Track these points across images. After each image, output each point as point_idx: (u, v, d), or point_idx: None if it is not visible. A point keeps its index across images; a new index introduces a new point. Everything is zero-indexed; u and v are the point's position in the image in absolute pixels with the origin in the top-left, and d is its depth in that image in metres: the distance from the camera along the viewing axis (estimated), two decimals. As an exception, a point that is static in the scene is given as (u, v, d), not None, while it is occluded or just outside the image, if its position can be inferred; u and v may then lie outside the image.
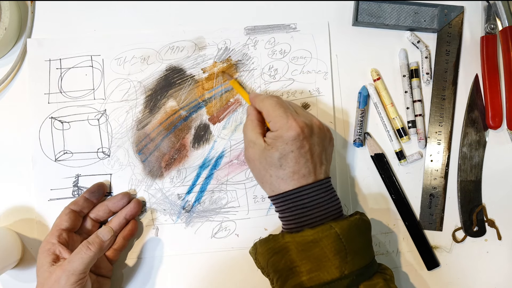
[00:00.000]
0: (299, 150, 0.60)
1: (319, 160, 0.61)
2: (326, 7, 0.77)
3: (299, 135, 0.59)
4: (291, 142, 0.59)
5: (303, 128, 0.60)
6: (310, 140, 0.61)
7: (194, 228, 0.73)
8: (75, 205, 0.68)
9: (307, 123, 0.61)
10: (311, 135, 0.61)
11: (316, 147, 0.61)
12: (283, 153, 0.60)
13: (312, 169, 0.60)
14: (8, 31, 0.73)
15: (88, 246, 0.62)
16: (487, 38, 0.74)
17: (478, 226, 0.73)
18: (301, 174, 0.60)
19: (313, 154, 0.61)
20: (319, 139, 0.62)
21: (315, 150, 0.61)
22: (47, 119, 0.74)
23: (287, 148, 0.60)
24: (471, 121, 0.74)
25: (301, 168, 0.60)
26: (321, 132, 0.62)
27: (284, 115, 0.61)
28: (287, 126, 0.60)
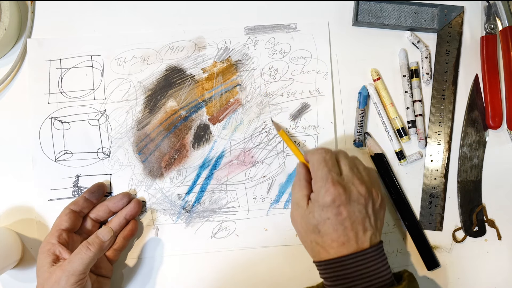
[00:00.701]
0: (336, 217, 0.58)
1: (362, 227, 0.58)
2: (326, 7, 0.77)
3: (335, 201, 0.58)
4: (326, 209, 0.58)
5: (340, 194, 0.58)
6: (347, 207, 0.58)
7: (194, 228, 0.73)
8: (75, 205, 0.68)
9: (346, 188, 0.59)
10: (349, 201, 0.58)
11: (356, 214, 0.58)
12: (319, 220, 0.58)
13: (352, 237, 0.58)
14: (8, 31, 0.73)
15: (88, 246, 0.62)
16: (487, 38, 0.74)
17: (478, 226, 0.73)
18: (340, 242, 0.58)
19: (353, 222, 0.58)
20: (360, 205, 0.59)
21: (355, 217, 0.58)
22: (47, 119, 0.74)
23: (323, 215, 0.58)
24: (471, 121, 0.74)
25: (339, 236, 0.58)
26: (362, 199, 0.59)
27: (325, 176, 0.60)
28: (324, 190, 0.59)
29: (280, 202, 0.73)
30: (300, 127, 0.74)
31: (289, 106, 0.75)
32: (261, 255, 0.73)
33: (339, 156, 0.63)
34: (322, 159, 0.61)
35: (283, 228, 0.73)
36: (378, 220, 0.61)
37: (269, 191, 0.73)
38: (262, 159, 0.74)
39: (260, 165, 0.74)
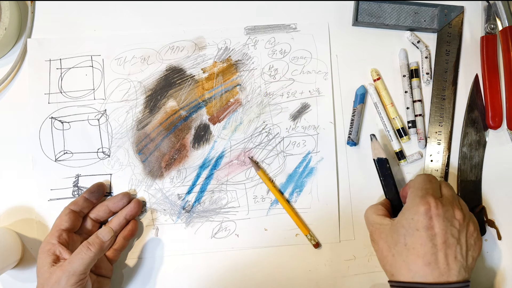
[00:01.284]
0: (426, 231, 0.55)
1: (452, 253, 0.55)
2: (326, 7, 0.77)
3: (428, 211, 0.56)
4: (417, 218, 0.56)
5: (435, 207, 0.56)
6: (441, 223, 0.56)
7: (194, 228, 0.73)
8: (75, 205, 0.68)
9: (442, 204, 0.57)
10: (443, 218, 0.56)
11: (448, 235, 0.55)
12: (408, 230, 0.57)
13: (441, 260, 0.55)
14: (8, 31, 0.73)
15: (88, 246, 0.62)
16: (487, 38, 0.74)
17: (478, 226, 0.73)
18: (426, 261, 0.55)
19: (444, 242, 0.55)
20: (455, 229, 0.56)
21: (447, 238, 0.55)
22: (47, 119, 0.74)
23: (413, 224, 0.56)
24: (471, 121, 0.74)
25: (426, 253, 0.55)
26: (457, 223, 0.57)
27: (424, 189, 0.59)
28: (419, 199, 0.57)
29: (279, 203, 0.73)
30: (300, 127, 0.74)
31: (289, 106, 0.75)
32: (261, 255, 0.73)
33: (442, 183, 0.63)
34: (427, 178, 0.61)
35: (283, 228, 0.73)
36: (470, 256, 0.58)
37: (269, 191, 0.73)
38: (262, 159, 0.74)
39: (260, 165, 0.74)
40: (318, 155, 0.74)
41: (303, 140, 0.74)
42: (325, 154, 0.74)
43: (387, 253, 0.59)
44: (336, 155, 0.74)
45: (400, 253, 0.57)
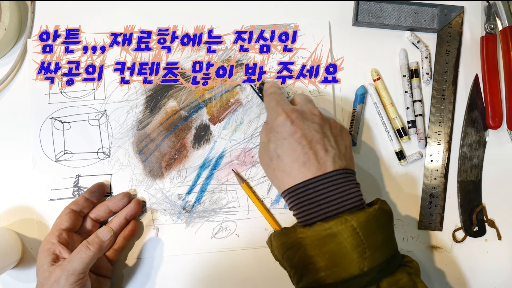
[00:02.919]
0: (291, 136, 0.58)
1: (321, 146, 0.57)
2: (326, 7, 0.77)
3: (286, 120, 0.58)
4: (280, 129, 0.58)
5: (290, 113, 0.59)
6: (301, 125, 0.58)
7: (194, 228, 0.73)
8: (75, 205, 0.68)
9: (297, 109, 0.60)
10: (302, 119, 0.59)
11: (312, 132, 0.58)
12: (277, 143, 0.59)
13: (312, 156, 0.56)
14: (8, 31, 0.73)
15: (88, 246, 0.62)
16: (487, 38, 0.74)
17: (478, 226, 0.73)
18: (301, 163, 0.57)
19: (310, 140, 0.57)
20: (316, 124, 0.59)
21: (312, 135, 0.58)
22: (48, 119, 0.74)
23: (279, 136, 0.58)
24: (471, 121, 0.74)
25: (299, 156, 0.57)
26: (316, 118, 0.60)
27: (274, 106, 0.61)
28: (275, 115, 0.60)
29: (280, 202, 0.73)
30: (300, 127, 0.74)
31: (289, 106, 0.75)
32: (262, 255, 0.73)
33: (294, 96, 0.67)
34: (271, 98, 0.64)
35: (283, 228, 0.73)
36: (341, 144, 0.60)
37: (269, 191, 0.73)
38: (262, 159, 0.74)
39: (260, 165, 0.74)
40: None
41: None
42: (325, 154, 0.74)
43: (269, 170, 0.61)
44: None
45: (277, 165, 0.59)
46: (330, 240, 0.53)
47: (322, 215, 0.55)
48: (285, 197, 0.59)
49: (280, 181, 0.59)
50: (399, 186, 0.74)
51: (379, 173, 0.74)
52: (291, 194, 0.57)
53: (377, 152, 0.75)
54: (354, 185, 0.57)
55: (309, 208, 0.56)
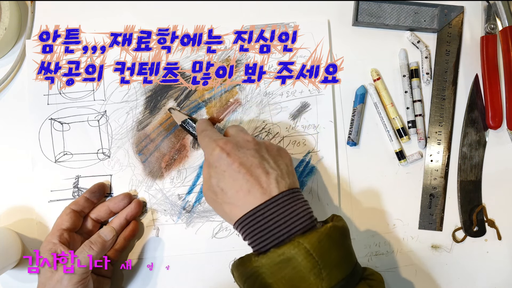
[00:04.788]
0: (230, 167, 0.57)
1: (262, 170, 0.56)
2: (326, 7, 0.77)
3: (222, 153, 0.57)
4: (218, 163, 0.58)
5: (224, 145, 0.58)
6: (237, 154, 0.57)
7: (194, 228, 0.73)
8: (75, 205, 0.68)
9: (230, 140, 0.59)
10: (237, 148, 0.58)
11: (250, 158, 0.57)
12: (218, 177, 0.58)
13: (254, 183, 0.55)
14: (8, 31, 0.73)
15: (91, 245, 0.62)
16: (487, 38, 0.74)
17: (478, 226, 0.73)
18: (245, 191, 0.55)
19: (249, 167, 0.56)
20: (252, 150, 0.58)
21: (251, 162, 0.57)
22: (47, 120, 0.74)
23: (218, 170, 0.57)
24: (471, 121, 0.74)
25: (242, 184, 0.56)
26: (250, 144, 0.59)
27: (208, 142, 0.61)
28: (210, 150, 0.59)
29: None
30: (300, 126, 0.74)
31: (288, 106, 0.75)
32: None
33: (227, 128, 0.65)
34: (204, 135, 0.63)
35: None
36: (281, 164, 0.59)
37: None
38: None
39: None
40: (318, 154, 0.74)
41: (303, 140, 0.74)
42: (325, 154, 0.74)
43: (216, 205, 0.59)
44: (337, 154, 0.74)
45: (223, 199, 0.57)
46: (285, 265, 0.52)
47: (275, 240, 0.54)
48: (237, 228, 0.58)
49: (229, 213, 0.57)
50: (399, 186, 0.74)
51: (379, 173, 0.74)
52: (241, 224, 0.56)
53: (377, 152, 0.75)
54: (302, 204, 0.56)
55: (261, 235, 0.54)
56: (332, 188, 0.73)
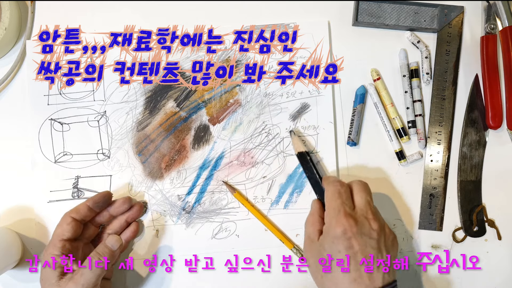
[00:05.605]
0: (347, 251, 0.57)
1: (374, 263, 0.57)
2: (326, 7, 0.77)
3: (346, 233, 0.57)
4: (337, 241, 0.57)
5: (351, 226, 0.57)
6: (359, 240, 0.57)
7: (194, 229, 0.73)
8: (76, 214, 0.66)
9: (358, 222, 0.58)
10: (360, 235, 0.57)
11: (368, 249, 0.57)
12: (330, 251, 0.58)
13: (364, 274, 0.56)
14: (8, 31, 0.73)
15: (99, 257, 0.61)
16: (487, 38, 0.74)
17: (478, 226, 0.73)
18: (351, 279, 0.56)
19: (366, 255, 0.57)
20: (373, 240, 0.58)
21: (367, 252, 0.57)
22: (47, 120, 0.74)
23: (334, 248, 0.57)
24: (471, 121, 0.74)
25: (351, 271, 0.56)
26: (374, 233, 0.58)
27: (337, 208, 0.60)
28: (335, 221, 0.58)
29: (280, 203, 0.73)
30: (300, 127, 0.74)
31: (288, 106, 0.75)
32: (262, 255, 0.73)
33: (353, 188, 0.63)
34: (336, 191, 0.61)
35: (284, 228, 0.73)
36: (392, 256, 0.60)
37: (269, 191, 0.73)
38: (262, 159, 0.74)
39: (260, 165, 0.74)
40: (318, 155, 0.74)
41: (302, 140, 0.74)
42: (325, 154, 0.74)
43: (316, 273, 0.61)
44: (336, 155, 0.74)
45: (327, 275, 0.58)
46: None
47: None
48: None
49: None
50: (399, 186, 0.74)
51: (379, 173, 0.74)
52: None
53: (377, 152, 0.74)
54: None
55: None
56: (332, 188, 0.73)
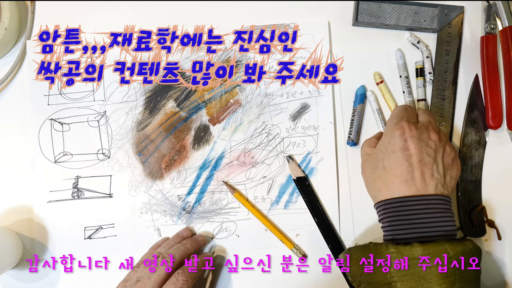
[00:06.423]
0: (402, 152, 0.58)
1: (429, 170, 0.57)
2: (326, 7, 0.77)
3: (403, 134, 0.58)
4: (393, 141, 0.59)
5: (408, 129, 0.59)
6: (416, 144, 0.58)
7: (194, 229, 0.73)
8: None
9: (418, 128, 0.59)
10: (418, 139, 0.58)
11: (424, 154, 0.58)
12: (385, 153, 0.59)
13: (417, 177, 0.57)
14: (8, 31, 0.73)
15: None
16: (487, 38, 0.74)
17: (478, 226, 0.73)
18: (402, 179, 0.57)
19: (419, 161, 0.57)
20: (430, 149, 0.58)
21: (422, 157, 0.57)
22: (47, 120, 0.74)
23: (389, 148, 0.59)
24: (471, 121, 0.74)
25: (403, 172, 0.57)
26: (432, 143, 0.59)
27: (399, 116, 0.61)
28: (394, 124, 0.60)
29: (280, 203, 0.73)
30: (300, 128, 0.74)
31: (289, 107, 0.75)
32: (262, 255, 0.73)
33: (419, 112, 0.65)
34: (403, 108, 0.64)
35: (284, 228, 0.73)
36: (448, 174, 0.59)
37: (269, 191, 0.73)
38: (262, 159, 0.74)
39: (260, 165, 0.74)
40: (318, 155, 0.74)
41: (303, 141, 0.74)
42: (325, 154, 0.74)
43: (370, 178, 0.62)
44: (336, 155, 0.74)
45: (379, 176, 0.60)
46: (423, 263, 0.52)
47: (417, 234, 0.55)
48: (377, 208, 0.60)
49: (378, 191, 0.60)
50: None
51: (379, 173, 0.74)
52: (385, 206, 0.58)
53: (377, 152, 0.74)
54: (450, 213, 0.58)
55: (403, 224, 0.56)
56: (332, 189, 0.73)
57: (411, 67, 0.75)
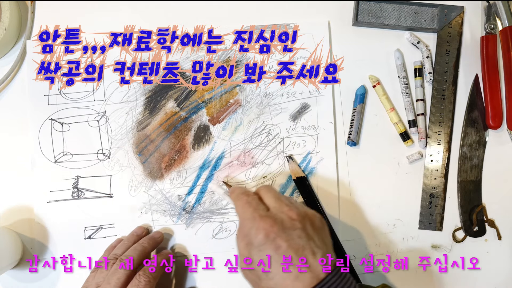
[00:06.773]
0: (276, 252, 0.52)
1: (309, 252, 0.53)
2: (326, 7, 0.77)
3: (268, 236, 0.53)
4: (263, 247, 0.53)
5: (270, 228, 0.53)
6: (285, 238, 0.53)
7: (194, 229, 0.73)
8: None
9: (275, 221, 0.54)
10: (283, 231, 0.54)
11: (297, 240, 0.54)
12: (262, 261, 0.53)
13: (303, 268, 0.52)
14: (8, 31, 0.73)
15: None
16: (487, 38, 0.74)
17: (478, 226, 0.73)
18: (292, 278, 0.51)
19: (297, 250, 0.53)
20: (298, 230, 0.55)
21: (297, 245, 0.53)
22: (47, 120, 0.74)
23: (263, 254, 0.53)
24: (471, 121, 0.74)
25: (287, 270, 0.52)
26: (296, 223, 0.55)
27: (251, 216, 0.56)
28: (254, 229, 0.54)
29: (280, 203, 0.73)
30: (300, 128, 0.74)
31: (289, 107, 0.75)
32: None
33: (261, 192, 0.61)
34: (245, 203, 0.58)
35: (283, 229, 0.73)
36: (325, 237, 0.57)
37: (269, 191, 0.73)
38: (262, 159, 0.74)
39: (260, 165, 0.74)
40: (318, 155, 0.74)
41: (303, 141, 0.74)
42: (325, 155, 0.74)
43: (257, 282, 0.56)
44: (336, 155, 0.74)
45: (268, 284, 0.53)
46: None
47: None
48: None
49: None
50: (399, 186, 0.74)
51: (379, 173, 0.74)
52: None
53: (377, 152, 0.74)
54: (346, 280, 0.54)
55: None
56: (332, 189, 0.73)
57: (411, 67, 0.75)
